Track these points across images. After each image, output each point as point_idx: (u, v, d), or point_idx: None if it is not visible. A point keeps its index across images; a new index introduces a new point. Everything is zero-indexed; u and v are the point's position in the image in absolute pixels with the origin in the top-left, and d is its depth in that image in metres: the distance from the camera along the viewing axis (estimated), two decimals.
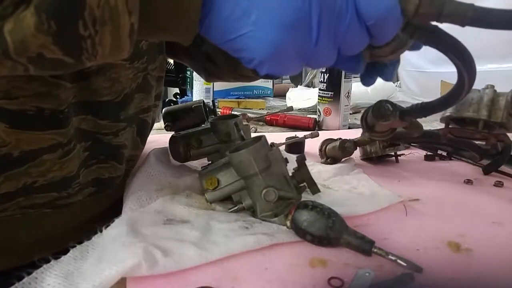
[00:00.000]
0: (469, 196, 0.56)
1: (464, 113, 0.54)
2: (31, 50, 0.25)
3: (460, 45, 0.36)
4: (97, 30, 0.25)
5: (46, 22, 0.24)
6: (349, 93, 1.02)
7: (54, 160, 0.41)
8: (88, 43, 0.26)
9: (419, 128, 0.51)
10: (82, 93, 0.43)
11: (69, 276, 0.32)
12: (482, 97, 0.53)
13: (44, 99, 0.39)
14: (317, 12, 0.30)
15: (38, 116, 0.39)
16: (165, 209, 0.44)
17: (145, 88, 0.52)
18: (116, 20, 0.26)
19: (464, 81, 0.38)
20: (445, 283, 0.34)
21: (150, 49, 0.51)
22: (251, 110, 1.27)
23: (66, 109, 0.41)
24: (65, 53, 0.26)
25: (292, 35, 0.30)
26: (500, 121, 0.52)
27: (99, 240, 0.37)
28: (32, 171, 0.40)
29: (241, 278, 0.34)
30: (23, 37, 0.24)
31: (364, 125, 0.54)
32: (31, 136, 0.39)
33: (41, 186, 0.42)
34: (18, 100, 0.37)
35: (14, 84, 0.36)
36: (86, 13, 0.24)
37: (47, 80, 0.38)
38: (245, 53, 0.31)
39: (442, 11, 0.32)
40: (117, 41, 0.27)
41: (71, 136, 0.42)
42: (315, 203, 0.40)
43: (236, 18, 0.29)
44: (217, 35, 0.31)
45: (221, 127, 0.55)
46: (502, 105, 0.52)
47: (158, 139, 0.67)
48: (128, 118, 0.49)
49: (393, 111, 0.47)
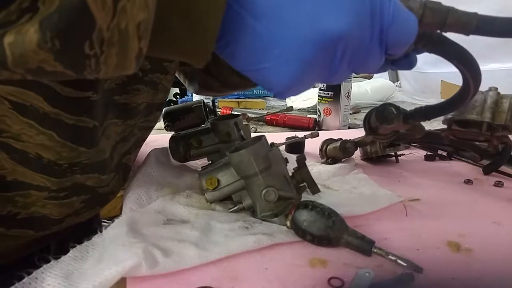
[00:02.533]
0: (469, 196, 0.56)
1: (467, 115, 0.54)
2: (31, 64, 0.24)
3: (465, 52, 0.36)
4: (103, 50, 0.24)
5: (50, 40, 0.23)
6: (349, 93, 1.02)
7: (39, 198, 0.42)
8: (92, 61, 0.25)
9: (421, 130, 0.51)
10: (95, 155, 0.44)
11: (69, 276, 0.32)
12: (486, 99, 0.53)
13: (46, 151, 0.40)
14: (342, 49, 0.30)
15: (36, 161, 0.40)
16: (165, 209, 0.44)
17: (127, 138, 0.52)
18: (124, 43, 0.25)
19: (469, 86, 0.38)
20: (445, 283, 0.34)
21: (148, 108, 0.51)
22: (251, 110, 1.27)
23: (66, 165, 0.42)
24: (67, 67, 0.25)
25: (311, 71, 0.30)
26: (503, 124, 0.52)
27: (99, 240, 0.37)
28: (18, 200, 0.41)
29: (241, 278, 0.34)
30: (23, 51, 0.23)
31: (367, 127, 0.54)
32: (26, 172, 0.40)
33: (22, 220, 0.42)
34: (24, 144, 0.38)
35: (24, 131, 0.38)
36: (94, 34, 0.23)
37: (53, 138, 0.39)
38: (266, 84, 0.31)
39: (446, 20, 0.32)
40: (122, 62, 0.26)
41: (63, 187, 0.43)
42: (315, 203, 0.40)
43: (255, 52, 0.29)
44: (239, 64, 0.31)
45: (221, 127, 0.55)
46: (505, 107, 0.52)
47: (158, 139, 0.67)
48: (114, 167, 0.50)
49: (397, 115, 0.47)
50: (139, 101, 0.48)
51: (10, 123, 0.37)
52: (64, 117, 0.39)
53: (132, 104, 0.48)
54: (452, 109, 0.46)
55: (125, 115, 0.48)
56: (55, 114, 0.38)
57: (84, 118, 0.41)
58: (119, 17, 0.23)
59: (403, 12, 0.31)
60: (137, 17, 0.24)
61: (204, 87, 0.65)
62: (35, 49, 0.23)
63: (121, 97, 0.46)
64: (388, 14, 0.30)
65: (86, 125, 0.41)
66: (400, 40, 0.31)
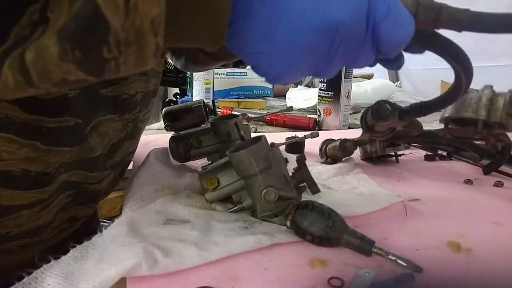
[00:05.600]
0: (469, 196, 0.56)
1: (463, 113, 0.54)
2: (55, 77, 0.25)
3: (456, 48, 0.36)
4: (121, 51, 0.25)
5: (70, 51, 0.23)
6: (349, 93, 1.02)
7: (32, 214, 0.41)
8: (112, 63, 0.25)
9: (418, 126, 0.52)
10: (80, 153, 0.43)
11: (69, 276, 0.32)
12: (481, 97, 0.53)
13: (32, 163, 0.38)
14: (340, 39, 0.30)
15: (23, 178, 0.38)
16: (165, 209, 0.44)
17: (133, 134, 0.52)
18: (141, 41, 0.25)
19: (461, 82, 0.38)
20: (445, 283, 0.34)
21: (144, 98, 0.50)
22: (251, 110, 1.27)
23: (54, 170, 0.41)
24: (89, 74, 0.26)
25: (308, 57, 0.30)
26: (499, 121, 0.52)
27: (99, 240, 0.37)
28: (9, 223, 0.40)
29: (241, 278, 0.34)
30: (46, 67, 0.24)
31: (363, 125, 0.54)
32: (13, 194, 0.39)
33: (15, 235, 0.42)
34: (5, 162, 0.37)
35: (3, 148, 0.36)
36: (110, 37, 0.24)
37: (38, 147, 0.38)
38: (263, 68, 0.31)
39: (439, 17, 0.32)
40: (141, 59, 0.26)
41: (53, 191, 0.42)
42: (315, 203, 0.40)
43: (258, 35, 0.29)
44: (237, 47, 0.31)
45: (221, 127, 0.55)
46: (500, 105, 0.52)
47: (158, 139, 0.67)
48: (114, 165, 0.50)
49: (392, 111, 0.47)
50: (131, 91, 0.47)
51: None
52: (45, 122, 0.38)
53: (123, 96, 0.46)
54: (445, 105, 0.46)
55: (120, 109, 0.47)
56: (34, 121, 0.37)
57: (65, 118, 0.39)
58: (132, 16, 0.24)
59: (399, 11, 0.31)
60: (150, 13, 0.24)
61: (191, 60, 0.63)
62: (57, 62, 0.24)
63: (108, 90, 0.44)
64: (382, 12, 0.30)
65: (67, 124, 0.40)
66: (393, 39, 0.31)
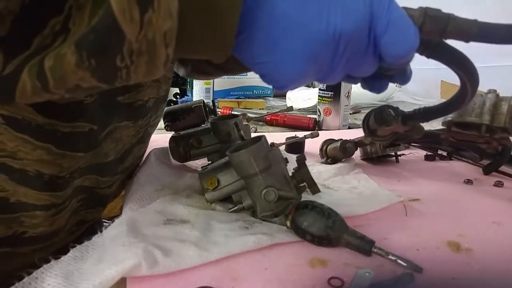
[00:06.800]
0: (469, 196, 0.56)
1: (466, 117, 0.54)
2: (70, 84, 0.26)
3: (463, 57, 0.36)
4: (133, 60, 0.26)
5: (86, 60, 0.24)
6: (349, 93, 1.03)
7: (47, 217, 0.42)
8: (123, 72, 0.26)
9: (420, 130, 0.52)
10: (94, 158, 0.44)
11: (69, 276, 0.32)
12: (485, 102, 0.53)
13: (46, 165, 0.39)
14: (343, 48, 0.30)
15: (37, 178, 0.39)
16: (165, 209, 0.44)
17: (144, 139, 0.52)
18: (152, 52, 0.26)
19: (467, 90, 0.38)
20: (445, 283, 0.34)
21: (156, 103, 0.51)
22: (251, 110, 1.27)
23: (68, 175, 0.42)
24: (101, 81, 0.27)
25: (313, 66, 0.31)
26: (503, 126, 0.52)
27: (99, 240, 0.37)
28: (25, 220, 0.41)
29: (241, 278, 0.34)
30: (63, 73, 0.25)
31: (366, 129, 0.54)
32: (28, 192, 0.39)
33: (30, 238, 0.42)
34: (22, 161, 0.38)
35: (20, 148, 0.37)
36: (124, 48, 0.25)
37: (52, 150, 0.39)
38: (271, 77, 0.32)
39: (446, 28, 0.32)
40: (151, 69, 0.27)
41: (67, 196, 0.43)
42: (315, 203, 0.40)
43: (264, 46, 0.30)
44: (245, 57, 0.31)
45: (221, 127, 0.55)
46: (504, 110, 0.52)
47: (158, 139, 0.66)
48: (124, 169, 0.50)
49: (395, 116, 0.47)
50: (145, 97, 0.48)
51: (5, 140, 0.36)
52: (60, 126, 0.39)
53: (138, 102, 0.47)
54: (449, 112, 0.46)
55: (135, 116, 0.48)
56: (49, 125, 0.38)
57: (80, 123, 0.40)
58: (146, 29, 0.25)
59: (402, 24, 0.31)
60: (163, 27, 0.25)
61: (196, 71, 0.63)
62: (74, 69, 0.25)
63: (125, 97, 0.45)
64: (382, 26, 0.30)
65: (82, 129, 0.41)
66: (393, 53, 0.31)
